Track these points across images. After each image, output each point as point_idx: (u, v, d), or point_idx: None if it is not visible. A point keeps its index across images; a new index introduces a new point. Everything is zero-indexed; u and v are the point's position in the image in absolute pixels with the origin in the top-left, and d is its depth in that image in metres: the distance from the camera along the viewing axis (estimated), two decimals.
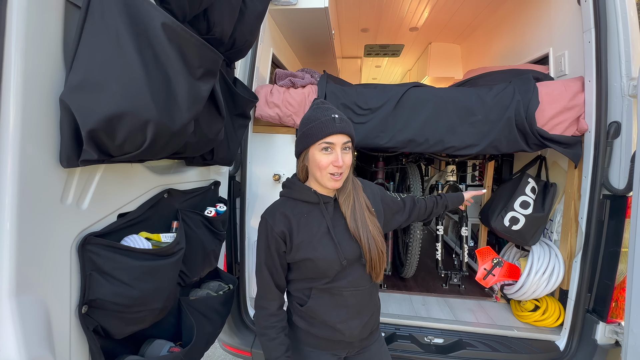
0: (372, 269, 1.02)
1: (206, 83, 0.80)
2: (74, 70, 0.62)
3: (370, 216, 1.04)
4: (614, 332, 1.45)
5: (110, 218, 0.84)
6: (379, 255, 1.01)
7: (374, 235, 1.02)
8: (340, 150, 0.96)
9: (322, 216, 1.01)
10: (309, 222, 1.00)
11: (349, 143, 0.98)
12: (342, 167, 0.96)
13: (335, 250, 0.98)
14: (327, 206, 1.03)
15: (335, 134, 0.95)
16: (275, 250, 1.00)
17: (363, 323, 1.06)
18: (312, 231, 0.99)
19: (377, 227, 1.04)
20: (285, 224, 0.99)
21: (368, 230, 1.01)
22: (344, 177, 1.00)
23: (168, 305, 0.97)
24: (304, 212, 1.01)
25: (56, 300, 0.70)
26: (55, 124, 0.65)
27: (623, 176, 1.40)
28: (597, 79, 1.45)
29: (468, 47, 3.32)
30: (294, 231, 0.99)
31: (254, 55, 1.73)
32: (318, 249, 0.97)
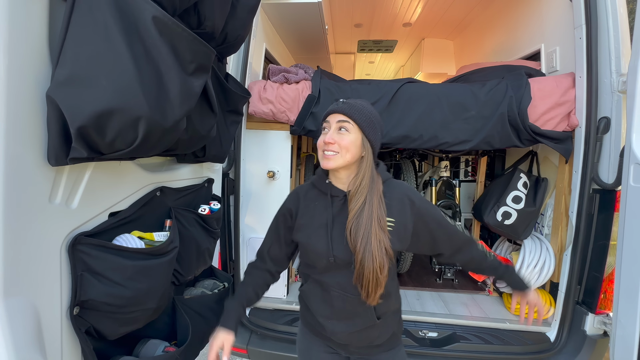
0: (361, 286, 0.91)
1: (199, 79, 0.78)
2: (60, 65, 0.60)
3: (377, 229, 0.91)
4: (603, 322, 1.49)
5: (101, 217, 0.82)
6: (373, 275, 0.88)
7: (373, 252, 0.89)
8: (335, 129, 0.95)
9: (327, 208, 0.99)
10: (314, 209, 1.01)
11: (345, 123, 0.94)
12: (334, 145, 0.93)
13: (326, 245, 0.96)
14: (335, 200, 0.99)
15: (332, 114, 0.96)
16: (282, 222, 1.06)
17: (352, 331, 1.01)
18: (313, 218, 1.00)
19: (382, 243, 0.90)
20: (295, 202, 1.04)
21: (368, 243, 0.89)
22: (338, 158, 0.93)
23: (162, 305, 0.95)
24: (315, 198, 1.03)
25: (46, 302, 0.68)
26: (42, 120, 0.62)
27: (612, 171, 1.43)
28: (588, 75, 1.47)
29: (461, 43, 3.33)
30: (300, 212, 1.03)
31: (247, 51, 1.71)
32: (312, 237, 0.98)
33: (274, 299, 1.86)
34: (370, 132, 0.96)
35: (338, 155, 0.94)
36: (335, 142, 0.93)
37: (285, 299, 1.87)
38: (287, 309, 1.83)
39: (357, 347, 1.07)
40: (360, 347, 1.07)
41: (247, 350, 1.67)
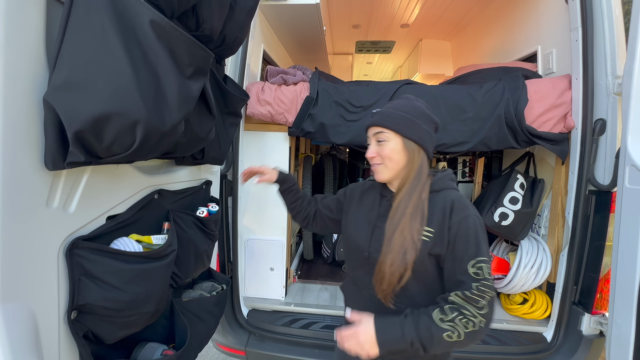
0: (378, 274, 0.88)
1: (197, 82, 0.78)
2: (57, 69, 0.60)
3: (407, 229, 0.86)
4: (599, 322, 1.50)
5: (99, 221, 0.82)
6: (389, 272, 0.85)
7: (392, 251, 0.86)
8: (374, 142, 0.97)
9: (375, 205, 1.02)
10: (366, 203, 1.05)
11: (380, 134, 0.94)
12: (375, 158, 0.96)
13: (366, 240, 0.97)
14: (384, 200, 1.01)
15: (369, 127, 0.99)
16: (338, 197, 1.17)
17: None
18: (362, 211, 1.04)
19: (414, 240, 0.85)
20: (353, 191, 1.12)
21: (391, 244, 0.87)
22: (383, 169, 0.95)
23: (160, 308, 0.95)
24: (371, 195, 1.06)
25: (44, 306, 0.68)
26: (39, 125, 0.62)
27: (608, 172, 1.44)
28: (584, 77, 1.49)
29: (458, 45, 3.35)
30: (354, 202, 1.09)
31: (245, 52, 1.71)
32: (355, 228, 1.02)
33: (273, 300, 1.86)
34: (410, 131, 0.92)
35: (382, 166, 0.96)
36: (377, 154, 0.96)
37: (284, 300, 1.87)
38: (286, 311, 1.83)
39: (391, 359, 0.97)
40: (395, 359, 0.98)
41: (246, 352, 1.67)
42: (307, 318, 1.78)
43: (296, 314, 1.82)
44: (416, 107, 0.96)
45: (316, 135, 1.72)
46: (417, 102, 0.98)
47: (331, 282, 2.15)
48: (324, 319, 1.78)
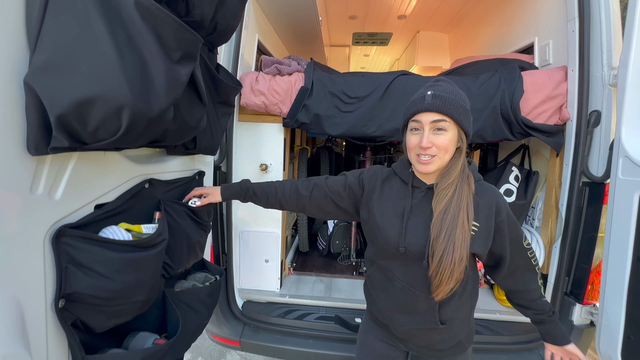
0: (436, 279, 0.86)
1: (185, 67, 0.76)
2: (38, 50, 0.58)
3: (464, 223, 0.85)
4: (589, 312, 1.52)
5: (87, 209, 0.81)
6: (449, 268, 0.84)
7: (456, 244, 0.84)
8: (429, 129, 0.86)
9: (405, 197, 0.95)
10: (392, 195, 0.98)
11: (442, 122, 0.85)
12: (431, 149, 0.86)
13: (399, 234, 0.92)
14: (416, 191, 0.95)
15: (423, 112, 0.87)
16: (349, 185, 1.06)
17: (411, 327, 0.98)
18: (389, 203, 0.97)
19: (465, 238, 0.85)
20: (371, 179, 1.04)
21: (452, 235, 0.84)
22: (437, 161, 0.88)
23: (152, 298, 0.94)
24: (394, 185, 1.00)
25: (29, 294, 0.67)
26: (20, 108, 0.60)
27: (602, 164, 1.44)
28: (580, 68, 1.48)
29: (455, 37, 3.32)
30: (376, 193, 1.01)
31: (238, 41, 1.68)
32: (385, 222, 0.95)
33: (267, 292, 1.86)
34: (466, 122, 0.88)
35: (436, 158, 0.88)
36: (433, 144, 0.86)
37: (279, 292, 1.88)
38: (280, 302, 1.84)
39: (416, 345, 1.04)
40: (420, 346, 1.03)
41: (240, 343, 1.67)
42: (302, 309, 1.79)
43: (291, 306, 1.82)
44: (464, 95, 0.91)
45: (311, 127, 1.71)
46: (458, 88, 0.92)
47: (326, 274, 2.15)
48: (318, 310, 1.79)
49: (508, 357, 1.57)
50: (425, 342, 1.01)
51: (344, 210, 1.10)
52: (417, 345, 1.04)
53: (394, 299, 0.99)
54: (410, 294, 0.94)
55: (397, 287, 0.96)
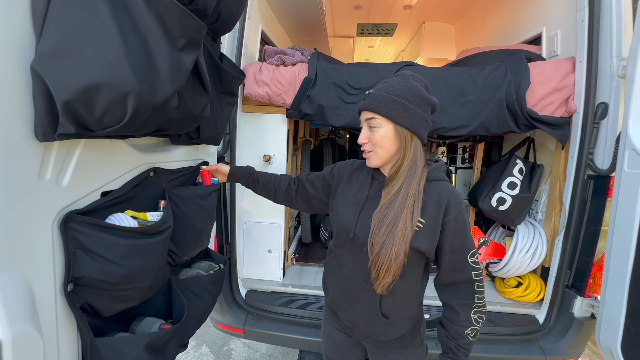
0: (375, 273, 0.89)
1: (189, 54, 0.76)
2: (44, 36, 0.58)
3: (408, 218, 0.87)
4: (590, 305, 1.53)
5: (93, 196, 0.82)
6: (387, 261, 0.85)
7: (396, 239, 0.85)
8: (366, 127, 0.94)
9: (364, 187, 1.01)
10: (355, 185, 1.04)
11: (372, 120, 0.90)
12: (367, 144, 0.94)
13: (352, 221, 0.96)
14: (374, 182, 1.00)
15: (362, 111, 0.95)
16: (326, 177, 1.14)
17: (354, 315, 1.03)
18: (351, 192, 1.03)
19: (407, 232, 0.86)
20: (342, 170, 1.10)
21: (393, 230, 0.86)
22: (373, 156, 0.94)
23: (157, 284, 0.96)
24: (361, 176, 1.05)
25: (40, 277, 0.68)
26: (27, 94, 0.61)
27: (607, 157, 1.43)
28: (588, 59, 1.45)
29: (462, 27, 3.26)
30: (342, 182, 1.07)
31: (242, 31, 1.67)
32: (342, 208, 1.01)
33: (270, 282, 1.89)
34: (403, 117, 0.88)
35: (372, 154, 0.94)
36: (368, 140, 0.93)
37: (281, 282, 1.90)
38: (283, 292, 1.86)
39: (361, 334, 1.08)
40: (365, 335, 1.08)
41: (244, 331, 1.70)
42: (304, 299, 1.81)
43: (293, 295, 1.85)
44: (411, 89, 0.89)
45: (314, 118, 1.70)
46: (413, 80, 0.91)
47: None
48: (320, 300, 1.81)
49: (508, 348, 1.58)
50: (369, 332, 1.05)
51: (321, 201, 1.17)
52: (362, 334, 1.08)
53: (341, 286, 1.04)
54: (355, 282, 0.98)
55: (345, 274, 1.01)
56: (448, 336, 0.96)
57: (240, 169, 1.29)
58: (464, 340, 0.93)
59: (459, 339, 0.94)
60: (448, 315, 0.97)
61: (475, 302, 0.93)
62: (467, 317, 0.93)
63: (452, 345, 0.95)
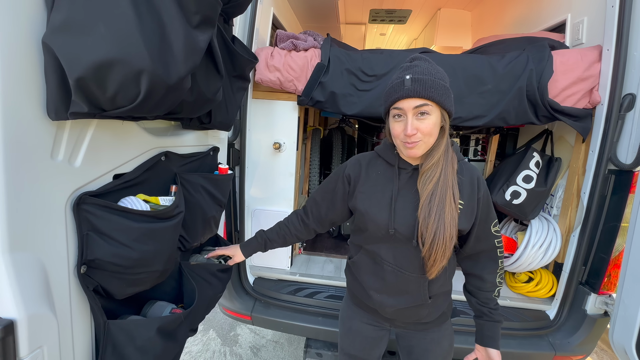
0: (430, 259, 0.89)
1: (204, 33, 0.73)
2: (56, 9, 0.55)
3: (451, 203, 0.88)
4: (604, 303, 1.50)
5: (106, 178, 0.81)
6: (442, 247, 0.86)
7: (446, 224, 0.86)
8: (412, 116, 0.84)
9: (392, 180, 0.96)
10: (378, 179, 0.98)
11: (424, 107, 0.83)
12: (416, 135, 0.85)
13: (388, 217, 0.93)
14: (402, 172, 0.95)
15: (403, 99, 0.85)
16: (340, 186, 1.05)
17: (401, 307, 1.00)
18: (376, 187, 0.97)
19: (453, 217, 0.88)
20: (355, 169, 1.03)
21: (442, 216, 0.86)
22: (422, 145, 0.87)
23: (169, 268, 0.96)
24: (379, 169, 1.00)
25: (53, 259, 0.68)
26: (39, 70, 0.59)
27: (632, 151, 1.37)
28: (617, 47, 1.38)
29: (479, 14, 3.14)
30: (361, 179, 1.01)
31: (254, 15, 1.62)
32: (373, 207, 0.96)
33: (278, 270, 1.89)
34: (448, 101, 0.87)
35: (421, 143, 0.86)
36: (418, 130, 0.84)
37: (289, 270, 1.90)
38: (291, 280, 1.87)
39: (403, 322, 1.08)
40: (407, 322, 1.08)
41: (252, 317, 1.72)
42: (312, 288, 1.82)
43: (301, 284, 1.85)
44: (443, 72, 0.89)
45: (326, 105, 1.66)
46: (436, 65, 0.90)
47: (336, 254, 2.17)
48: (328, 289, 1.81)
49: (517, 343, 1.57)
50: (413, 319, 1.05)
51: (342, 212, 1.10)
52: (405, 322, 1.08)
53: (383, 282, 0.99)
54: (401, 276, 0.96)
55: (387, 270, 0.98)
56: (480, 303, 1.04)
57: (252, 245, 1.21)
58: (494, 302, 1.04)
59: (490, 302, 1.03)
60: (475, 284, 1.05)
61: (499, 266, 1.03)
62: (493, 282, 1.03)
63: (485, 310, 1.04)
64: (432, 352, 1.08)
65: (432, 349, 1.08)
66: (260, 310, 1.73)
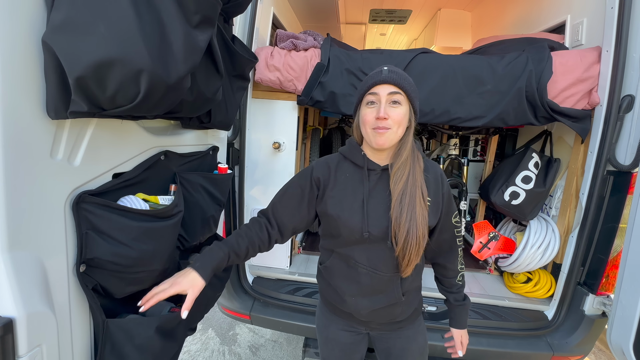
0: (404, 259, 0.90)
1: (203, 32, 0.73)
2: (56, 8, 0.56)
3: (421, 200, 0.90)
4: (602, 303, 1.50)
5: (105, 177, 0.81)
6: (415, 246, 0.88)
7: (418, 223, 0.88)
8: (386, 102, 0.88)
9: (362, 182, 0.95)
10: (347, 182, 0.96)
11: (397, 95, 0.88)
12: (387, 121, 0.87)
13: (361, 220, 0.92)
14: (372, 174, 0.95)
15: (380, 84, 0.89)
16: (307, 190, 0.98)
17: (375, 308, 1.00)
18: (346, 191, 0.95)
19: (425, 214, 0.90)
20: (324, 172, 0.99)
21: (414, 215, 0.88)
22: (392, 134, 0.88)
23: (168, 268, 0.96)
24: (347, 171, 0.98)
25: (52, 257, 0.68)
26: (39, 69, 0.59)
27: (630, 152, 1.37)
28: (616, 48, 1.38)
29: (479, 15, 3.15)
30: (330, 184, 0.97)
31: (254, 15, 1.62)
32: (345, 210, 0.94)
33: (277, 269, 1.89)
34: (415, 101, 0.93)
35: (391, 131, 0.88)
36: (389, 116, 0.87)
37: (288, 270, 1.91)
38: (290, 279, 1.87)
39: (379, 323, 1.07)
40: (382, 323, 1.07)
41: (250, 316, 1.72)
42: (311, 287, 1.82)
43: (300, 283, 1.85)
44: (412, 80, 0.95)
45: (326, 105, 1.66)
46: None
47: None
48: None
49: (516, 343, 1.57)
50: (388, 318, 1.05)
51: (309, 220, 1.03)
52: (380, 323, 1.07)
53: (358, 285, 0.98)
54: (375, 277, 0.96)
55: (362, 272, 0.96)
56: (444, 289, 1.13)
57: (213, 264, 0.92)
58: (457, 287, 1.11)
59: (453, 287, 1.11)
60: (440, 272, 1.13)
61: (459, 254, 1.09)
62: (455, 269, 1.09)
63: (449, 295, 1.12)
64: (409, 350, 1.10)
65: (409, 346, 1.10)
66: (259, 310, 1.73)
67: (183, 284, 0.86)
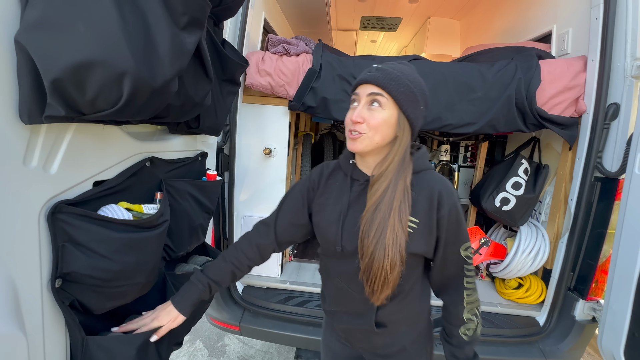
0: (367, 282, 0.79)
1: (191, 34, 0.70)
2: (30, 5, 0.52)
3: (396, 222, 0.76)
4: (592, 309, 1.51)
5: (85, 186, 0.76)
6: (382, 273, 0.75)
7: (387, 246, 0.75)
8: (365, 103, 0.78)
9: (344, 192, 0.87)
10: (334, 191, 0.90)
11: (377, 96, 0.76)
12: (361, 125, 0.77)
13: (335, 233, 0.85)
14: (355, 184, 0.87)
15: (362, 83, 0.79)
16: (305, 194, 0.95)
17: (351, 327, 0.93)
18: (329, 200, 0.89)
19: (398, 239, 0.76)
20: (318, 177, 0.95)
21: (383, 236, 0.75)
22: (366, 140, 0.78)
23: (152, 280, 0.91)
24: (338, 179, 0.92)
25: (24, 273, 0.63)
26: (11, 70, 0.55)
27: (617, 159, 1.40)
28: (601, 58, 1.42)
29: (468, 23, 3.21)
30: (319, 189, 0.93)
31: (245, 19, 1.60)
32: (324, 219, 0.89)
33: (268, 278, 1.85)
34: (410, 107, 0.78)
35: (365, 137, 0.78)
36: (364, 120, 0.77)
37: (279, 278, 1.86)
38: (281, 288, 1.82)
39: (360, 347, 0.99)
40: (364, 349, 0.98)
41: (240, 327, 1.66)
42: (302, 296, 1.78)
43: (291, 292, 1.81)
44: (421, 81, 0.81)
45: (318, 111, 1.65)
46: (418, 75, 0.82)
47: None
48: (319, 298, 1.77)
49: (508, 350, 1.57)
50: (367, 345, 0.95)
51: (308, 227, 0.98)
52: (361, 347, 0.98)
53: (334, 296, 0.94)
54: (348, 294, 0.89)
55: (337, 286, 0.92)
56: (444, 337, 0.93)
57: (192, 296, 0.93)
58: (457, 339, 0.87)
59: (452, 338, 0.89)
60: (443, 313, 0.93)
61: (465, 298, 0.85)
62: (458, 316, 0.86)
63: (446, 350, 0.92)
64: None
65: None
66: (249, 320, 1.68)
67: (163, 319, 0.89)
